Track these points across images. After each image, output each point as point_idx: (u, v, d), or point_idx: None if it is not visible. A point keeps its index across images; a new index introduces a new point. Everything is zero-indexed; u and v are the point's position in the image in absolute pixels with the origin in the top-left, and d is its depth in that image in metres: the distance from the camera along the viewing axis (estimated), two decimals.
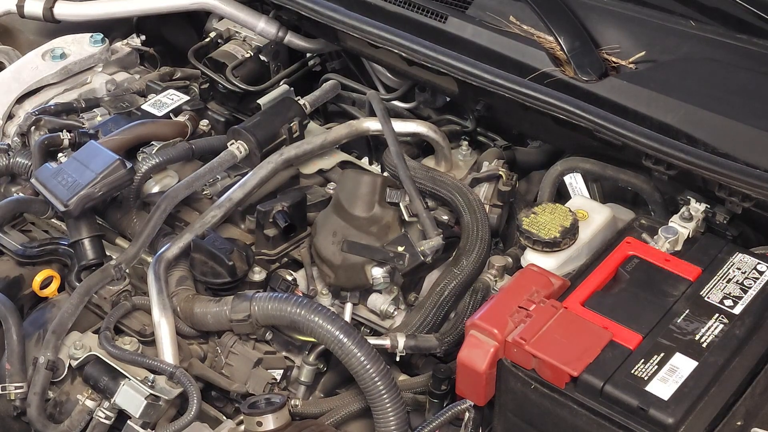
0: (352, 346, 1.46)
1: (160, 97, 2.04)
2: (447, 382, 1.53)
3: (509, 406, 1.41)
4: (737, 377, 1.35)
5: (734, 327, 1.37)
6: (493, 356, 1.39)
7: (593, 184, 1.83)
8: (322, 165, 1.92)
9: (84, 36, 2.16)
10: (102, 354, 1.53)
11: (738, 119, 1.54)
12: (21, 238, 1.81)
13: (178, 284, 1.64)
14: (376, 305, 1.67)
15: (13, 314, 1.59)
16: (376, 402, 1.46)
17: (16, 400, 1.54)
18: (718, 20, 1.73)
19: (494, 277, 1.66)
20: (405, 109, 2.13)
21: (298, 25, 2.11)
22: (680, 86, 1.61)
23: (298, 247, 1.75)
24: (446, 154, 1.94)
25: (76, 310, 1.59)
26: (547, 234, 1.57)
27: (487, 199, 1.81)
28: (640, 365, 1.32)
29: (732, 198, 1.54)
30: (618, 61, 1.68)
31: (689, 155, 1.53)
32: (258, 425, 1.46)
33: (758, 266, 1.45)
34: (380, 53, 1.93)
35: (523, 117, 1.79)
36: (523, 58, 1.70)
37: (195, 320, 1.60)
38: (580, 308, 1.41)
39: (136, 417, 1.49)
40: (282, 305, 1.52)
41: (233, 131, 1.86)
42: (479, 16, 1.79)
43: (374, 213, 1.70)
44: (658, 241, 1.51)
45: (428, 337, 1.59)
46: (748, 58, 1.66)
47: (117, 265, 1.65)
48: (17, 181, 1.96)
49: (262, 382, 1.58)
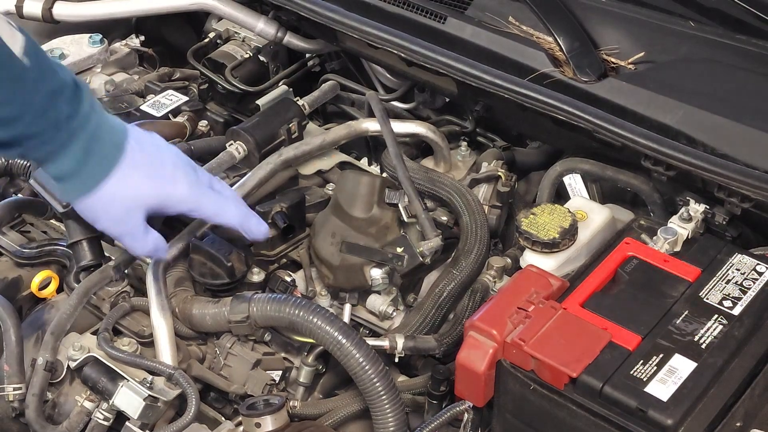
0: (351, 347, 1.46)
1: (158, 98, 2.04)
2: (446, 383, 1.53)
3: (508, 407, 1.41)
4: (736, 378, 1.34)
5: (733, 328, 1.36)
6: (492, 357, 1.39)
7: (592, 184, 1.83)
8: (321, 166, 1.92)
9: (83, 36, 2.16)
10: (100, 355, 1.53)
11: (738, 120, 1.54)
12: (19, 239, 1.81)
13: (176, 285, 1.63)
14: (375, 306, 1.67)
15: (11, 315, 1.59)
16: (375, 403, 1.46)
17: (14, 402, 1.54)
18: (717, 21, 1.73)
19: (493, 278, 1.66)
20: (404, 110, 2.12)
21: (297, 26, 2.11)
22: (679, 87, 1.61)
23: (297, 248, 1.75)
24: (445, 154, 1.94)
25: (75, 311, 1.59)
26: (546, 235, 1.57)
27: (486, 199, 1.81)
28: (639, 366, 1.31)
29: (731, 199, 1.54)
30: (617, 61, 1.68)
31: (688, 156, 1.53)
32: (257, 426, 1.46)
33: (757, 267, 1.45)
34: (379, 54, 1.93)
35: (522, 118, 1.79)
36: (522, 58, 1.70)
37: (193, 321, 1.60)
38: (579, 309, 1.41)
39: (135, 418, 1.48)
40: (281, 306, 1.52)
41: (232, 132, 1.85)
42: (478, 17, 1.79)
43: (373, 214, 1.70)
44: (657, 242, 1.51)
45: (427, 338, 1.59)
46: (748, 58, 1.66)
47: (116, 266, 1.65)
48: (15, 181, 1.95)
49: (260, 384, 1.57)
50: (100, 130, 1.36)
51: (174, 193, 1.42)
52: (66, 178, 1.37)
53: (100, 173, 1.37)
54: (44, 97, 1.28)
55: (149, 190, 1.40)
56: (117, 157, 1.37)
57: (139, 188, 1.39)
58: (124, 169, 1.37)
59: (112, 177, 1.37)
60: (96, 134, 1.35)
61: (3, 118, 1.26)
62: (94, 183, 1.37)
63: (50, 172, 1.37)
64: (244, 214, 1.49)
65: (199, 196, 1.44)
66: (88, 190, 1.37)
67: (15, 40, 1.25)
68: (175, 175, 1.42)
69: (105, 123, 1.37)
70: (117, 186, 1.37)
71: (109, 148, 1.37)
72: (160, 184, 1.40)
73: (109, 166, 1.37)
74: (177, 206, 1.43)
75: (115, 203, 1.39)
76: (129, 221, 1.41)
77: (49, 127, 1.30)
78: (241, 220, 1.49)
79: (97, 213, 1.40)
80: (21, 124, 1.27)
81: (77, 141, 1.33)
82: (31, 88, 1.27)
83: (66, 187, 1.38)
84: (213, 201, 1.46)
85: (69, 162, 1.34)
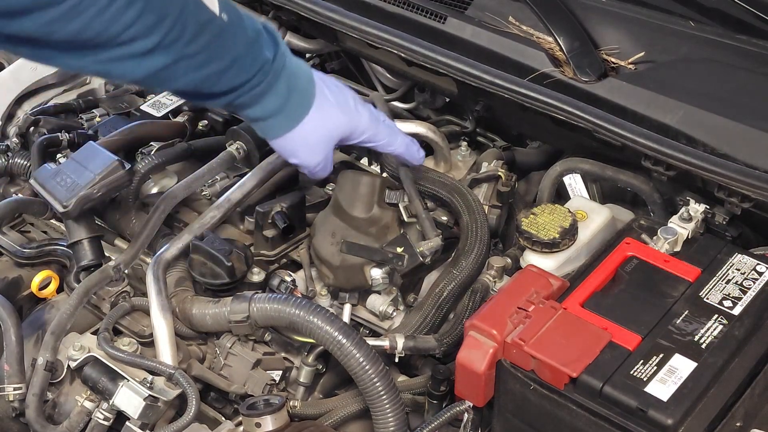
0: (351, 347, 1.46)
1: (159, 98, 2.04)
2: (446, 383, 1.53)
3: (508, 407, 1.41)
4: (736, 378, 1.34)
5: (733, 328, 1.36)
6: (492, 357, 1.39)
7: (592, 184, 1.83)
8: None
9: None
10: (101, 355, 1.53)
11: (737, 120, 1.54)
12: (20, 238, 1.81)
13: (176, 285, 1.63)
14: (375, 306, 1.67)
15: (11, 315, 1.59)
16: (375, 403, 1.46)
17: (14, 401, 1.54)
18: (717, 21, 1.73)
19: (493, 277, 1.66)
20: (404, 110, 2.13)
21: (297, 26, 2.11)
22: (679, 87, 1.61)
23: (297, 248, 1.75)
24: (445, 154, 1.94)
25: (75, 311, 1.59)
26: (547, 235, 1.57)
27: (486, 199, 1.81)
28: (640, 366, 1.31)
29: (731, 199, 1.54)
30: (617, 61, 1.68)
31: (688, 156, 1.53)
32: (257, 426, 1.46)
33: (757, 267, 1.45)
34: (379, 54, 1.93)
35: (523, 117, 1.79)
36: (523, 58, 1.70)
37: (194, 321, 1.60)
38: (579, 309, 1.41)
39: (135, 418, 1.48)
40: (281, 306, 1.52)
41: (232, 132, 1.85)
42: (478, 17, 1.79)
43: (373, 214, 1.70)
44: (657, 242, 1.51)
45: (427, 338, 1.59)
46: (748, 58, 1.66)
47: (116, 266, 1.65)
48: (16, 181, 1.96)
49: (260, 383, 1.58)
50: (296, 68, 1.44)
51: (359, 124, 1.52)
52: (271, 116, 1.44)
53: (303, 108, 1.45)
54: (246, 46, 1.35)
55: (341, 122, 1.50)
56: (313, 92, 1.46)
57: (334, 121, 1.49)
58: (321, 104, 1.47)
59: (312, 111, 1.46)
60: (294, 72, 1.43)
61: (216, 73, 1.33)
62: (298, 118, 1.46)
63: (255, 115, 1.44)
64: (408, 143, 1.60)
65: (376, 127, 1.54)
66: (293, 125, 1.46)
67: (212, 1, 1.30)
68: (357, 108, 1.52)
69: (297, 62, 1.46)
70: (316, 120, 1.47)
71: (305, 84, 1.46)
72: (349, 117, 1.51)
73: (309, 101, 1.46)
74: (359, 136, 1.53)
75: (314, 135, 1.48)
76: (323, 151, 1.51)
77: (256, 72, 1.37)
78: (406, 148, 1.60)
79: (296, 146, 1.49)
80: (231, 74, 1.35)
81: (281, 80, 1.41)
82: (234, 41, 1.33)
83: (270, 126, 1.46)
84: (386, 131, 1.57)
85: (276, 100, 1.42)
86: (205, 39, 1.27)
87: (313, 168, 1.52)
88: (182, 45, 1.24)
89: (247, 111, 1.43)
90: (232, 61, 1.33)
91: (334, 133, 1.50)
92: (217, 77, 1.34)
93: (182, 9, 1.23)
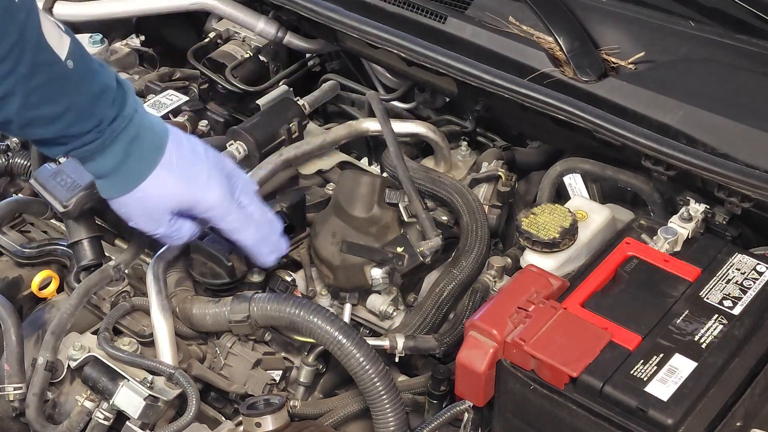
0: (351, 346, 1.46)
1: (159, 98, 2.04)
2: (446, 383, 1.53)
3: (508, 406, 1.41)
4: (737, 378, 1.35)
5: (734, 328, 1.37)
6: (492, 357, 1.39)
7: (592, 184, 1.83)
8: (322, 165, 1.92)
9: (83, 36, 2.15)
10: (101, 355, 1.53)
11: (737, 119, 1.54)
12: (20, 238, 1.81)
13: (177, 285, 1.63)
14: (375, 306, 1.67)
15: (11, 315, 1.59)
16: (375, 403, 1.46)
17: (14, 401, 1.54)
18: (717, 21, 1.73)
19: (493, 277, 1.66)
20: (404, 110, 2.12)
21: (297, 26, 2.11)
22: (679, 87, 1.61)
23: (297, 248, 1.75)
24: (445, 154, 1.94)
25: (75, 310, 1.59)
26: (547, 234, 1.57)
27: (486, 199, 1.81)
28: (640, 366, 1.31)
29: (731, 198, 1.54)
30: (617, 61, 1.68)
31: (688, 156, 1.53)
32: (257, 426, 1.46)
33: (758, 267, 1.45)
34: (379, 53, 1.93)
35: (523, 117, 1.79)
36: (523, 58, 1.70)
37: (194, 321, 1.60)
38: (579, 309, 1.41)
39: (135, 418, 1.48)
40: (281, 306, 1.52)
41: (232, 132, 1.86)
42: (478, 17, 1.79)
43: (373, 214, 1.70)
44: (657, 242, 1.51)
45: (427, 338, 1.59)
46: (748, 58, 1.66)
47: (116, 266, 1.65)
48: (16, 181, 1.96)
49: (261, 383, 1.57)
50: (142, 132, 1.40)
51: (204, 199, 1.46)
52: (105, 176, 1.42)
53: (139, 174, 1.41)
54: (87, 99, 1.33)
55: (179, 192, 1.45)
56: (156, 158, 1.42)
57: (171, 189, 1.44)
58: (161, 171, 1.42)
59: (149, 178, 1.42)
60: (137, 136, 1.40)
61: (47, 117, 1.31)
62: (132, 183, 1.42)
63: (90, 170, 1.42)
64: (258, 240, 1.54)
65: (225, 209, 1.48)
66: (126, 190, 1.43)
67: (62, 44, 1.29)
68: (209, 182, 1.46)
69: (147, 125, 1.42)
70: (153, 187, 1.42)
71: (148, 150, 1.42)
72: (193, 190, 1.45)
73: (147, 167, 1.41)
74: (204, 212, 1.48)
75: (149, 202, 1.44)
76: (161, 219, 1.47)
77: (92, 128, 1.35)
78: (254, 243, 1.54)
79: (131, 210, 1.46)
80: (64, 123, 1.32)
81: (118, 142, 1.38)
82: (75, 90, 1.32)
83: (104, 185, 1.44)
84: (238, 218, 1.50)
85: (109, 162, 1.39)
86: (42, 78, 1.26)
87: (154, 234, 1.48)
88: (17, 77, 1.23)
89: (85, 165, 1.41)
90: (67, 109, 1.31)
91: (171, 201, 1.44)
92: (50, 121, 1.31)
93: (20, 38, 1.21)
